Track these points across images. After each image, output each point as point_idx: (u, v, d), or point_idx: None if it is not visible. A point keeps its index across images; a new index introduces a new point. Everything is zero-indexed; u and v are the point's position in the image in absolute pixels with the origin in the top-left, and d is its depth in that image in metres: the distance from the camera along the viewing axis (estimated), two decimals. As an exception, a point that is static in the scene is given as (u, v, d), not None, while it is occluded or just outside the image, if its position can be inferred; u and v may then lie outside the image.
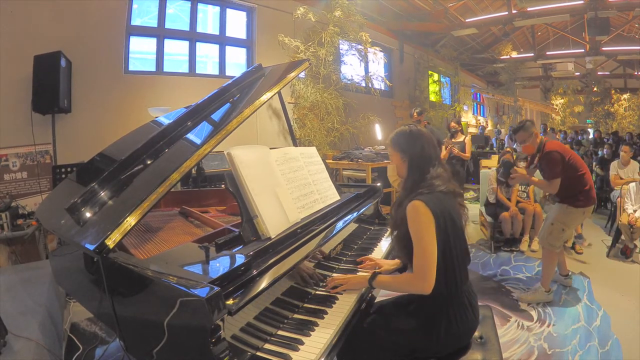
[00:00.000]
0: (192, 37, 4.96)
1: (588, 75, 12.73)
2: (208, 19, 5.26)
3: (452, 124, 5.47)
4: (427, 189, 1.35)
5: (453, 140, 5.24)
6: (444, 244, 1.31)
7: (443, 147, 5.03)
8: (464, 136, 5.33)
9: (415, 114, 5.58)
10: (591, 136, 10.32)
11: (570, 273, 3.19)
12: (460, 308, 1.34)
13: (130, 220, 1.22)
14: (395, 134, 1.51)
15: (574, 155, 2.77)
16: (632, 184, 4.11)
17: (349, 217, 1.82)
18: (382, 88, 7.26)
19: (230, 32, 5.37)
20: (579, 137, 10.51)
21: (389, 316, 1.43)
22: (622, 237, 3.83)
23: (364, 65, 6.53)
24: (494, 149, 9.08)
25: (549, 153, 2.73)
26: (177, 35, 4.85)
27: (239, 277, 1.10)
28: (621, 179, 4.84)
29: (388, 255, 1.84)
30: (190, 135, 1.73)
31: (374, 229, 2.19)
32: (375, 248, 1.93)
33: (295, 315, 1.29)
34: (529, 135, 2.83)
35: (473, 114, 12.85)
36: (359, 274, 1.56)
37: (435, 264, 1.27)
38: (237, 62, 5.53)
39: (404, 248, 1.39)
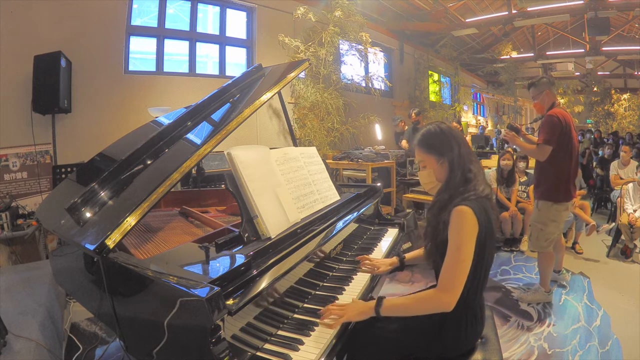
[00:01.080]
0: (192, 37, 4.96)
1: (588, 75, 12.74)
2: (208, 19, 5.26)
3: (453, 123, 5.48)
4: (474, 193, 1.24)
5: None
6: (479, 254, 1.22)
7: None
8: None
9: (413, 114, 5.58)
10: (591, 136, 10.31)
11: (563, 270, 3.17)
12: (472, 318, 1.30)
13: (130, 221, 1.22)
14: (424, 136, 1.36)
15: (572, 134, 2.58)
16: (630, 184, 4.11)
17: (349, 217, 1.82)
18: (382, 88, 7.26)
19: (230, 32, 5.37)
20: (579, 137, 10.51)
21: (391, 316, 1.42)
22: (622, 237, 3.83)
23: (364, 65, 6.53)
24: (494, 149, 9.08)
25: (550, 116, 2.54)
26: (177, 35, 4.85)
27: (239, 277, 1.10)
28: (621, 179, 4.84)
29: (388, 256, 1.84)
30: (190, 135, 1.73)
31: (374, 229, 2.19)
32: (375, 248, 1.93)
33: (295, 315, 1.28)
34: (539, 93, 2.65)
35: (473, 114, 12.85)
36: (354, 300, 1.36)
37: (465, 278, 1.17)
38: (237, 62, 5.53)
39: (441, 256, 1.24)
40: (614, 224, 4.05)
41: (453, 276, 1.17)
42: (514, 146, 2.76)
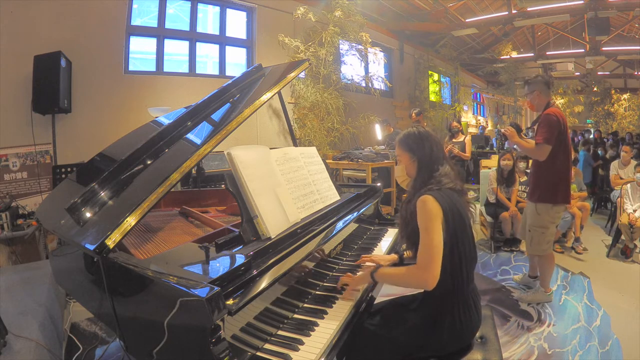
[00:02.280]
0: (192, 37, 4.96)
1: (588, 75, 12.74)
2: (208, 19, 5.26)
3: (454, 123, 5.47)
4: (436, 185, 1.38)
5: (454, 140, 5.24)
6: (451, 239, 1.31)
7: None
8: (464, 136, 5.33)
9: (413, 114, 5.58)
10: (591, 136, 10.32)
11: (551, 291, 2.98)
12: (465, 307, 1.35)
13: (130, 221, 1.22)
14: (403, 136, 1.54)
15: (567, 134, 2.60)
16: (629, 184, 4.11)
17: (349, 217, 1.82)
18: (382, 88, 7.27)
19: (230, 32, 5.37)
20: (579, 137, 10.52)
21: (390, 314, 1.43)
22: (622, 237, 3.83)
23: (364, 66, 6.53)
24: (494, 149, 9.08)
25: (547, 115, 2.54)
26: (177, 35, 4.85)
27: (239, 277, 1.10)
28: (621, 179, 4.84)
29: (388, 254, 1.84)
30: (190, 136, 1.73)
31: (374, 229, 2.19)
32: (375, 248, 1.93)
33: (295, 315, 1.29)
34: (530, 92, 2.68)
35: (473, 114, 12.86)
36: (360, 273, 1.56)
37: (440, 258, 1.27)
38: (237, 62, 5.53)
39: (413, 245, 1.39)
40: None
41: (427, 255, 1.28)
42: (513, 145, 2.72)
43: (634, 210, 3.87)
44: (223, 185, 1.47)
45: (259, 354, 1.07)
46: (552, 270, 2.84)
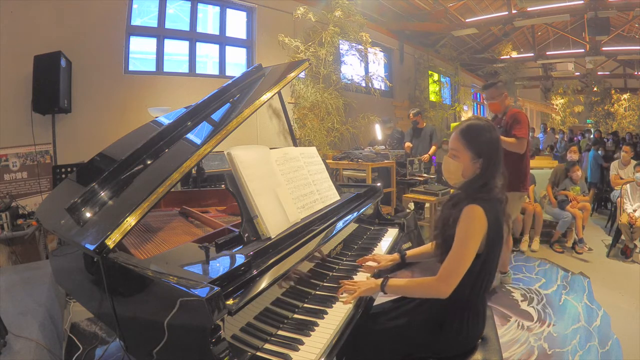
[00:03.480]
0: (192, 37, 4.95)
1: (588, 75, 12.74)
2: (208, 19, 5.26)
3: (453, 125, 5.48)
4: (487, 194, 1.28)
5: None
6: (487, 253, 1.27)
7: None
8: None
9: (411, 114, 5.56)
10: (591, 136, 10.32)
11: (509, 272, 3.20)
12: (474, 314, 1.32)
13: (131, 221, 1.22)
14: (472, 129, 1.33)
15: None
16: (628, 184, 4.11)
17: (349, 217, 1.82)
18: (382, 88, 7.26)
19: (230, 32, 5.37)
20: (579, 136, 10.52)
21: (393, 314, 1.42)
22: (622, 237, 3.83)
23: (364, 65, 6.53)
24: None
25: (518, 113, 2.81)
26: (177, 35, 4.85)
27: (239, 277, 1.10)
28: (621, 179, 4.84)
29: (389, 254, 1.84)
30: (190, 135, 1.73)
31: (374, 229, 2.19)
32: (375, 248, 1.93)
33: (295, 315, 1.28)
34: (499, 94, 2.88)
35: (473, 114, 12.85)
36: (368, 278, 1.52)
37: (464, 273, 1.23)
38: (237, 62, 5.53)
39: (446, 251, 1.29)
40: None
41: (453, 269, 1.22)
42: None
43: (634, 210, 3.87)
44: (223, 185, 1.47)
45: (259, 354, 1.07)
46: (509, 253, 3.12)
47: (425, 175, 5.02)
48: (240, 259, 1.17)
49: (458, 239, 1.24)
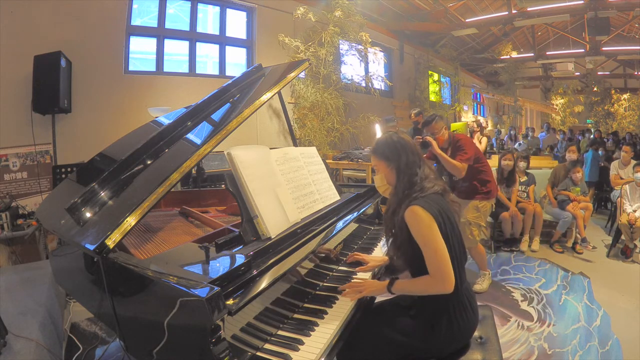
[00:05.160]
0: (192, 37, 4.96)
1: (588, 75, 12.74)
2: (208, 19, 5.27)
3: (472, 123, 5.47)
4: (420, 192, 1.36)
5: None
6: (446, 244, 1.31)
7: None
8: (480, 137, 5.28)
9: (413, 115, 5.56)
10: (591, 136, 10.32)
11: (487, 272, 3.23)
12: (460, 307, 1.35)
13: (131, 221, 1.22)
14: (377, 144, 1.52)
15: (478, 149, 3.12)
16: (627, 185, 4.11)
17: (349, 217, 1.82)
18: (382, 88, 7.26)
19: (230, 32, 5.37)
20: (579, 136, 10.51)
21: (389, 316, 1.43)
22: (622, 237, 3.83)
23: (364, 65, 6.53)
24: (494, 149, 9.08)
25: (464, 138, 3.03)
26: (177, 35, 4.85)
27: (239, 277, 1.10)
28: (621, 179, 4.84)
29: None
30: (190, 136, 1.73)
31: (374, 229, 2.19)
32: (375, 248, 1.93)
33: (295, 315, 1.29)
34: (441, 127, 3.03)
35: (473, 114, 12.85)
36: (374, 280, 1.54)
37: (449, 262, 1.27)
38: (237, 62, 5.53)
39: (402, 254, 1.40)
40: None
41: (438, 265, 1.28)
42: (429, 150, 3.00)
43: (634, 210, 3.87)
44: (223, 185, 1.47)
45: (259, 354, 1.07)
46: (485, 256, 3.16)
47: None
48: (240, 259, 1.17)
49: (421, 242, 1.30)
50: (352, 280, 1.47)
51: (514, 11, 7.78)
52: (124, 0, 4.20)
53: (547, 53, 11.09)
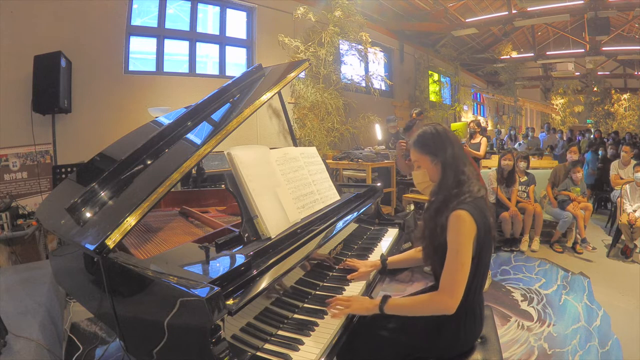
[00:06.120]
0: (192, 37, 4.96)
1: (588, 75, 12.74)
2: (208, 19, 5.26)
3: (472, 124, 5.45)
4: (469, 195, 1.26)
5: (472, 141, 5.14)
6: (478, 253, 1.24)
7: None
8: (480, 137, 5.26)
9: (414, 114, 5.56)
10: (591, 136, 10.32)
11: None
12: (471, 315, 1.31)
13: (131, 221, 1.22)
14: (420, 137, 1.38)
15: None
16: (628, 185, 4.11)
17: (349, 217, 1.82)
18: (382, 88, 7.26)
19: (230, 32, 5.37)
20: (578, 136, 10.52)
21: (391, 316, 1.41)
22: (622, 237, 3.83)
23: (364, 65, 6.53)
24: (494, 149, 9.08)
25: None
26: (177, 35, 4.85)
27: (239, 277, 1.10)
28: (621, 179, 4.84)
29: (389, 255, 1.84)
30: (190, 136, 1.73)
31: (374, 229, 2.19)
32: (375, 248, 1.93)
33: (295, 315, 1.28)
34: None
35: (473, 114, 12.85)
36: (365, 297, 1.42)
37: (465, 282, 1.19)
38: (237, 62, 5.53)
39: (440, 259, 1.26)
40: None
41: (454, 280, 1.19)
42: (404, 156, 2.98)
43: (634, 210, 3.87)
44: (223, 185, 1.47)
45: (259, 354, 1.07)
46: None
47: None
48: (240, 259, 1.17)
49: (452, 250, 1.21)
50: (338, 296, 1.35)
51: (514, 11, 7.77)
52: (124, 0, 4.19)
53: (547, 53, 11.08)
